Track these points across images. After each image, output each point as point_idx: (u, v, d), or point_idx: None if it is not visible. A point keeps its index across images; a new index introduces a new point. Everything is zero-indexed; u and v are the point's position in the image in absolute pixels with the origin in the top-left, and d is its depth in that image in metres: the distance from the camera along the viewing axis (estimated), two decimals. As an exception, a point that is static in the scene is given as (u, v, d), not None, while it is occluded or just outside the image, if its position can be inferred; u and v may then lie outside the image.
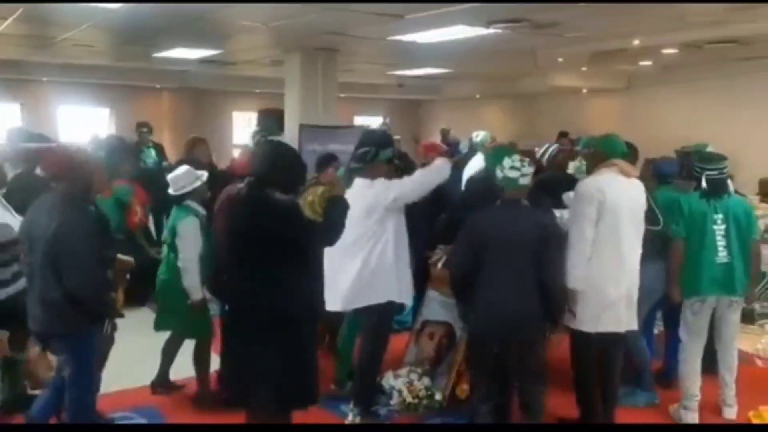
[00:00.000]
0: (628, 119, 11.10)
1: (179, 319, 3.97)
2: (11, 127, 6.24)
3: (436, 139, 11.28)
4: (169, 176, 4.02)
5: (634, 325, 3.58)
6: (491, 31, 6.76)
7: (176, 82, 12.49)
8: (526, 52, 8.45)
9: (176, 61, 9.96)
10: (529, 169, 3.26)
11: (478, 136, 5.89)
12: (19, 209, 3.59)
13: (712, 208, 3.84)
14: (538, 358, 3.34)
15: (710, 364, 4.05)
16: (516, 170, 3.22)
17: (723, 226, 3.83)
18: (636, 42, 7.63)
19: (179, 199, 3.96)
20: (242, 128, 13.96)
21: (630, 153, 3.79)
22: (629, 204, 3.45)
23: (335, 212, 3.06)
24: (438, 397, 4.08)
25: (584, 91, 12.19)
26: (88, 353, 3.26)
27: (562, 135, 8.40)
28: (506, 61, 9.44)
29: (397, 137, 7.34)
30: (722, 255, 3.83)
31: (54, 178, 3.23)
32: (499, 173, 3.26)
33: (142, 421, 3.92)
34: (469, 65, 10.38)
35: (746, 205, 4.07)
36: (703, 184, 3.88)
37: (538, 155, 4.91)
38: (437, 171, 3.83)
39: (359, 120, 14.31)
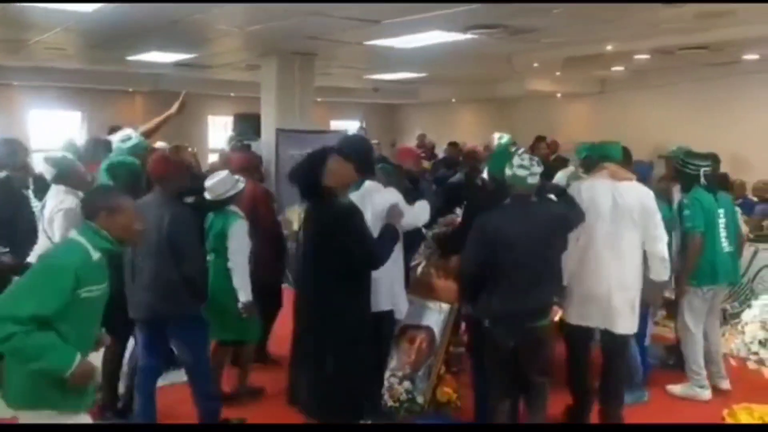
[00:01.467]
0: (601, 123, 11.25)
1: (229, 323, 3.98)
2: None
3: (413, 143, 11.32)
4: (209, 183, 4.01)
5: (625, 328, 3.62)
6: (468, 36, 6.81)
7: (150, 86, 12.32)
8: (502, 56, 8.53)
9: (150, 65, 9.84)
10: (538, 168, 3.31)
11: (502, 138, 5.73)
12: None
13: (717, 202, 4.24)
14: (547, 351, 3.47)
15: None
16: (525, 169, 3.27)
17: (724, 219, 4.26)
18: (609, 47, 7.75)
19: (219, 204, 3.99)
20: (218, 132, 13.84)
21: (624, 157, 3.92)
22: (614, 206, 3.53)
23: (389, 239, 3.26)
24: (419, 400, 4.10)
25: (558, 95, 12.33)
26: (203, 337, 3.66)
27: (539, 139, 8.46)
28: (482, 65, 9.51)
29: (375, 141, 7.35)
30: (725, 245, 4.26)
31: (158, 180, 3.62)
32: (508, 171, 3.30)
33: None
34: (446, 69, 10.44)
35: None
36: (702, 180, 4.22)
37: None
38: (424, 212, 3.82)
39: (335, 124, 14.29)
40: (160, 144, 7.54)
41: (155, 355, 3.66)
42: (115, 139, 4.55)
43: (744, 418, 4.02)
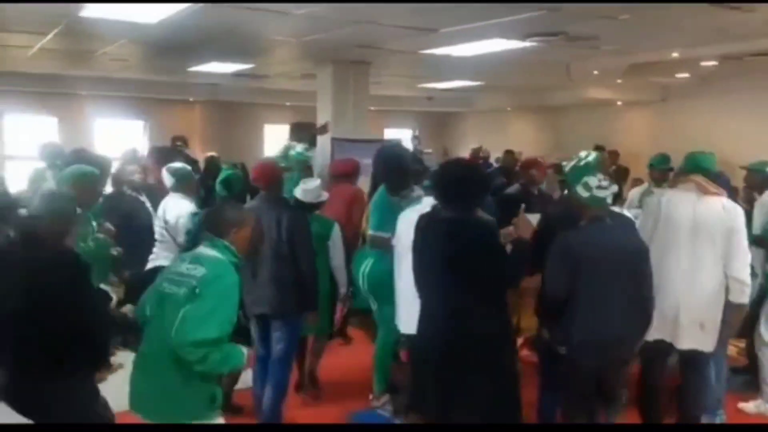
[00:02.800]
0: (663, 132, 10.90)
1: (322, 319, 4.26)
2: (45, 143, 6.39)
3: (465, 152, 11.20)
4: (304, 188, 4.33)
5: (691, 344, 3.50)
6: (527, 44, 6.69)
7: (208, 95, 12.63)
8: (561, 64, 8.36)
9: (209, 75, 10.07)
10: (614, 187, 3.25)
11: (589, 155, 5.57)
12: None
13: None
14: (626, 374, 3.42)
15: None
16: (603, 189, 3.19)
17: None
18: (675, 54, 7.49)
19: (313, 208, 4.32)
20: (274, 141, 14.04)
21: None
22: (694, 221, 3.42)
23: (520, 256, 3.28)
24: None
25: (619, 103, 12.02)
26: (299, 332, 3.96)
27: (598, 149, 8.24)
28: (539, 73, 9.34)
29: (428, 151, 7.29)
30: None
31: (267, 185, 3.91)
32: (584, 192, 3.20)
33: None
34: (501, 78, 10.31)
35: None
36: None
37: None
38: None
39: (389, 133, 14.29)
40: (210, 153, 7.73)
41: (268, 347, 3.90)
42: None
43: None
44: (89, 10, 5.48)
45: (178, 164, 4.71)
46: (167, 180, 4.49)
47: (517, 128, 14.45)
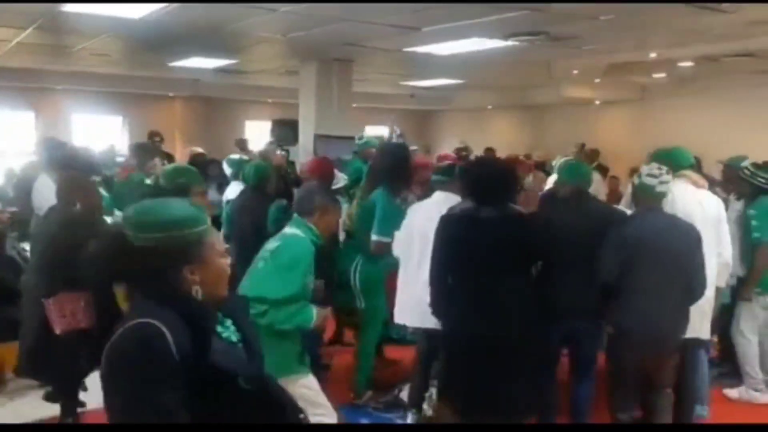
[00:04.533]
0: (640, 131, 11.07)
1: None
2: (47, 138, 6.37)
3: (446, 150, 11.23)
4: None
5: (692, 332, 3.55)
6: (509, 43, 6.76)
7: (189, 91, 12.53)
8: (541, 63, 8.46)
9: (190, 70, 10.00)
10: (668, 177, 3.30)
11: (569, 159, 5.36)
12: None
13: None
14: (675, 361, 3.47)
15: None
16: (654, 177, 3.27)
17: None
18: (653, 54, 7.62)
19: None
20: (256, 138, 13.98)
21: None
22: (701, 214, 3.53)
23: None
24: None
25: (597, 102, 12.18)
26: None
27: (580, 147, 8.37)
28: (520, 72, 9.44)
29: (414, 148, 7.33)
30: None
31: (319, 179, 4.37)
32: (636, 180, 3.34)
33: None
34: (482, 76, 10.39)
35: None
36: None
37: (554, 167, 4.92)
38: None
39: (371, 130, 14.31)
40: (197, 150, 7.71)
41: None
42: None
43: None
44: (71, 5, 5.43)
45: (235, 156, 5.76)
46: (226, 170, 5.56)
47: (498, 126, 14.56)
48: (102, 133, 12.24)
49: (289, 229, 3.04)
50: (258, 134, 13.55)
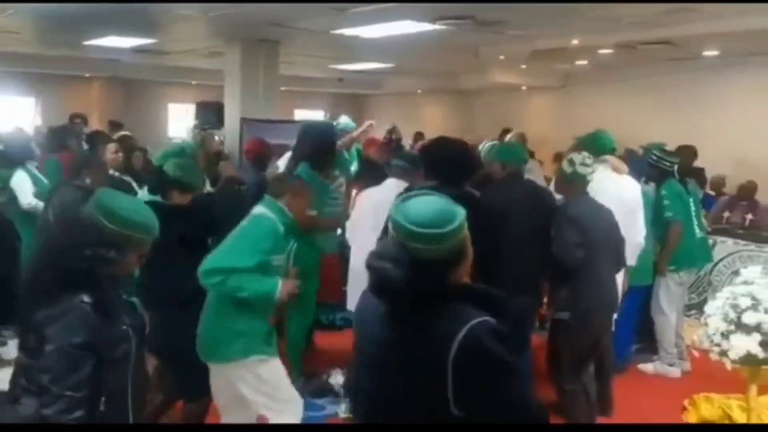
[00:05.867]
0: (564, 117, 11.35)
1: None
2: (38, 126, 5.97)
3: (378, 134, 11.21)
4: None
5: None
6: (436, 27, 6.76)
7: (108, 72, 11.98)
8: (469, 48, 8.51)
9: (108, 50, 9.53)
10: (596, 166, 3.50)
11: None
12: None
13: (688, 193, 4.65)
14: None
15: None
16: (587, 167, 3.38)
17: (694, 208, 4.68)
18: (575, 41, 7.79)
19: None
20: (179, 121, 13.52)
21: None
22: (620, 198, 3.72)
23: None
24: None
25: (524, 88, 12.41)
26: None
27: (505, 132, 8.46)
28: (448, 56, 9.48)
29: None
30: (698, 232, 4.69)
31: (253, 161, 4.87)
32: (568, 168, 3.41)
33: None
34: (411, 60, 10.39)
35: None
36: (676, 174, 4.62)
37: (481, 151, 4.95)
38: None
39: (299, 114, 14.10)
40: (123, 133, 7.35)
41: None
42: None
43: (704, 407, 4.12)
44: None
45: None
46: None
47: (428, 111, 14.64)
48: (12, 115, 11.54)
49: (257, 209, 3.04)
50: (182, 117, 13.15)
